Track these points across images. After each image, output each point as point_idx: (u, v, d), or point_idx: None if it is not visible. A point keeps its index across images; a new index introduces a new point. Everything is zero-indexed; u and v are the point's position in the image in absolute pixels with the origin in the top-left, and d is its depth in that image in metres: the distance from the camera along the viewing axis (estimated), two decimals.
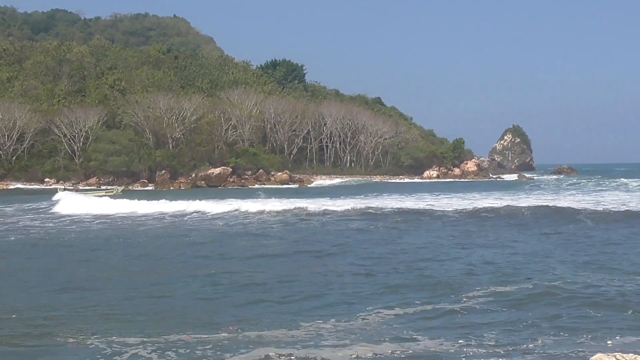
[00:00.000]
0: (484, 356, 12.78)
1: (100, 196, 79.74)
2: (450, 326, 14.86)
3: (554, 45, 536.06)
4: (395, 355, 12.98)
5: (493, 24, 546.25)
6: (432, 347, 13.37)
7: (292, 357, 12.63)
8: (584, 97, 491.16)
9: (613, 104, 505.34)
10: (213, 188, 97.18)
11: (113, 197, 71.18)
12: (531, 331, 14.39)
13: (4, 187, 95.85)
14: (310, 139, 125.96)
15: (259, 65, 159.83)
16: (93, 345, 13.48)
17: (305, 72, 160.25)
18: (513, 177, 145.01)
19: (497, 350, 13.16)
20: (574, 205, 46.55)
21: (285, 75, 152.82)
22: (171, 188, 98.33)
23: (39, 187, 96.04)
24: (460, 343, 13.54)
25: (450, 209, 44.91)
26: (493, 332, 14.22)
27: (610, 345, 13.03)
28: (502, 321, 15.15)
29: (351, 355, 12.91)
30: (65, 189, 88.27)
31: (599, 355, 9.81)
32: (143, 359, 12.74)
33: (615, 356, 9.74)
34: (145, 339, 13.75)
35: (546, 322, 15.05)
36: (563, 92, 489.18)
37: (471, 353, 13.05)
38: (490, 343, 13.58)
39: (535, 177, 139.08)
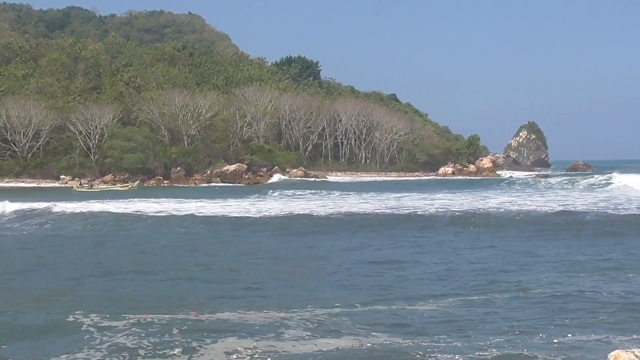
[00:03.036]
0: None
1: (116, 190, 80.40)
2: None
3: (570, 42, 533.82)
4: (355, 348, 13.37)
5: (508, 19, 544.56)
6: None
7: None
8: (601, 93, 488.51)
9: (630, 99, 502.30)
10: (228, 185, 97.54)
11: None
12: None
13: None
14: (326, 136, 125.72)
15: (274, 62, 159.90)
16: None
17: (320, 68, 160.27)
18: (528, 175, 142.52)
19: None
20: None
21: (300, 72, 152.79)
22: (186, 185, 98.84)
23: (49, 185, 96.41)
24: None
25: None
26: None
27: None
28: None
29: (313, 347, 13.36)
30: (81, 185, 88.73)
31: (617, 352, 9.87)
32: None
33: (634, 352, 9.78)
34: None
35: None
36: (579, 88, 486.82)
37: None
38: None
39: (550, 174, 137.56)
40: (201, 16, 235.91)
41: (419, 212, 43.23)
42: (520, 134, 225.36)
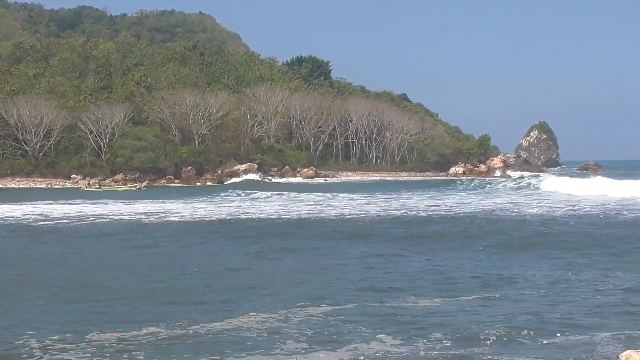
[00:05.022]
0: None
1: (124, 190, 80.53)
2: None
3: (581, 41, 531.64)
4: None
5: (518, 19, 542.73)
6: None
7: None
8: (611, 93, 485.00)
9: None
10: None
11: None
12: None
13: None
14: (336, 136, 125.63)
15: (284, 62, 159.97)
16: None
17: (331, 68, 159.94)
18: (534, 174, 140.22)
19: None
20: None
21: (311, 71, 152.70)
22: (197, 184, 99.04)
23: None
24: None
25: None
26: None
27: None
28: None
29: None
30: (89, 185, 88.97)
31: (628, 352, 9.95)
32: None
33: None
34: None
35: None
36: (589, 88, 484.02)
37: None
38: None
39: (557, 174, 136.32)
40: (212, 16, 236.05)
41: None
42: (531, 133, 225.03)
